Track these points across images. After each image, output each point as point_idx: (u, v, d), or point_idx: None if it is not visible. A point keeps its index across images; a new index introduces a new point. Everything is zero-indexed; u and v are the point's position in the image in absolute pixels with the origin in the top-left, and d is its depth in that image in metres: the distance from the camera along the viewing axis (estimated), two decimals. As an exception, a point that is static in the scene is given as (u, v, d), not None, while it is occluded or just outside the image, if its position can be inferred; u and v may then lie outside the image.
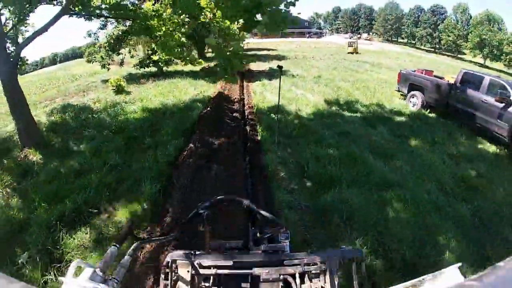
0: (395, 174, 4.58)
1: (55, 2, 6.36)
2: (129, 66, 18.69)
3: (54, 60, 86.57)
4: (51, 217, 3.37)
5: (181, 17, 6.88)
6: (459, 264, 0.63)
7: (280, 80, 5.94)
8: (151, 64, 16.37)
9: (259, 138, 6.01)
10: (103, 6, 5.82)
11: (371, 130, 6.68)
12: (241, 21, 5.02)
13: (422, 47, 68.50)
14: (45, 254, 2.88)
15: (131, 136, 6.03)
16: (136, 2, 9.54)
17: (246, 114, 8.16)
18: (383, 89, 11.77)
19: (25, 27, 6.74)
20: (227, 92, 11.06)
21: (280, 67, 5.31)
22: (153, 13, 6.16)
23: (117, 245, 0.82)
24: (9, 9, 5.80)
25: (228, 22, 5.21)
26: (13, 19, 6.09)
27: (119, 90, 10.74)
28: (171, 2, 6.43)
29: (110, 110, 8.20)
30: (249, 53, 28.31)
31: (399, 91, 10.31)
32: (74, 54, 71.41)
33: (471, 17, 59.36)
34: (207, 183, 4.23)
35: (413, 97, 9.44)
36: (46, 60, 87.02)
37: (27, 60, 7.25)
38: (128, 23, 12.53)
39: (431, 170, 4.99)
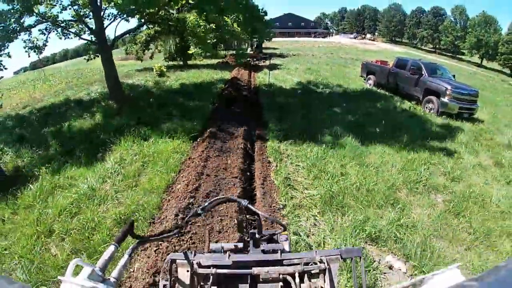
0: (329, 110, 8.69)
1: (137, 16, 10.55)
2: (152, 60, 23.03)
3: (65, 56, 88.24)
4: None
5: (210, 25, 11.14)
6: (459, 263, 0.66)
7: (270, 66, 10.07)
8: (178, 58, 20.78)
9: (258, 96, 10.23)
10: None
11: (328, 95, 10.78)
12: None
13: (423, 47, 71.54)
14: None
15: (185, 94, 10.24)
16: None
17: (252, 87, 12.44)
18: (355, 77, 15.79)
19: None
20: (239, 77, 15.30)
21: (270, 56, 9.46)
22: (196, 23, 10.36)
23: (116, 245, 0.82)
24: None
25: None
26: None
27: (161, 74, 15.00)
28: (204, 17, 10.69)
29: (159, 86, 12.46)
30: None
31: (361, 76, 14.35)
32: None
33: (468, 18, 62.06)
34: (231, 112, 8.37)
35: (369, 79, 13.48)
36: (57, 56, 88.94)
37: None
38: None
39: (353, 110, 8.99)
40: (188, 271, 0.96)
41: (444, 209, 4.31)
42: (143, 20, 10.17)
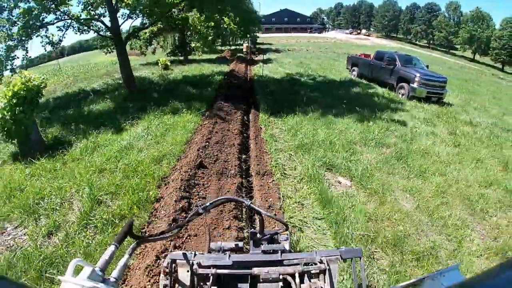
0: (311, 95, 10.24)
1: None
2: (155, 55, 24.42)
3: (61, 52, 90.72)
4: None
5: (209, 23, 12.64)
6: (459, 263, 0.71)
7: (264, 60, 11.62)
8: (179, 54, 22.27)
9: (253, 85, 11.79)
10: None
11: (313, 84, 12.35)
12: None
13: (418, 42, 73.04)
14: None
15: (190, 84, 11.75)
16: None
17: (248, 78, 14.07)
18: (342, 70, 17.35)
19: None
20: (237, 69, 16.86)
21: (264, 51, 11.00)
22: (199, 22, 11.86)
23: (117, 244, 0.82)
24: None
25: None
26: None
27: (166, 67, 16.46)
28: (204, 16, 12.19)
29: (164, 77, 13.96)
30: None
31: (347, 68, 15.93)
32: (81, 48, 72.97)
33: (462, 14, 63.52)
34: (231, 96, 9.89)
35: (353, 71, 15.04)
36: (52, 54, 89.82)
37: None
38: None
39: (331, 94, 10.55)
40: (188, 271, 0.98)
41: (389, 156, 5.72)
42: (150, 19, 11.64)
